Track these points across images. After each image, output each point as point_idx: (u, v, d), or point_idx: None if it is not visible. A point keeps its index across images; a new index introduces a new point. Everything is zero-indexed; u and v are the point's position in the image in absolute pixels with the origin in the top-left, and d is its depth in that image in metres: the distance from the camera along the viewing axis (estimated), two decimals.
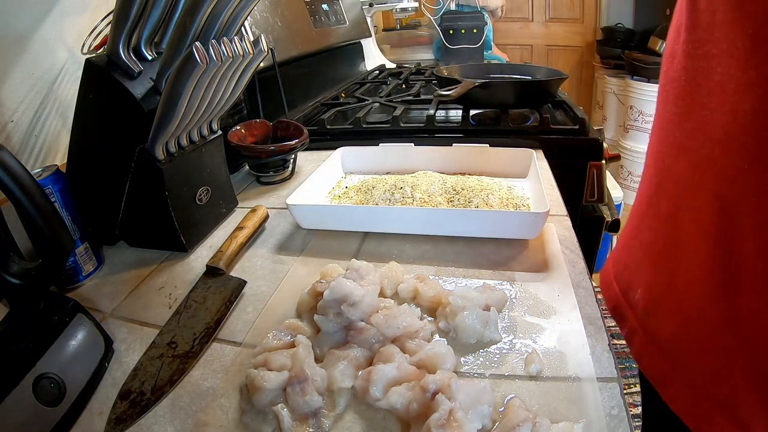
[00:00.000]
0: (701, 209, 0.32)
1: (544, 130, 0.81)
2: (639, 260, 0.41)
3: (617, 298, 0.43)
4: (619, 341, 0.56)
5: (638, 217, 0.41)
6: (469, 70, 1.07)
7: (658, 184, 0.38)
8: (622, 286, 0.43)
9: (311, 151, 0.88)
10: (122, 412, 0.35)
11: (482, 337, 0.39)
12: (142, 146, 0.50)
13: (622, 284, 0.43)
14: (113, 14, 0.47)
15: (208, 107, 0.52)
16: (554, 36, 2.96)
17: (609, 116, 2.69)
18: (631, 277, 0.42)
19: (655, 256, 0.39)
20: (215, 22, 0.49)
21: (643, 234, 0.40)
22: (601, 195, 0.82)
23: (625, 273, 0.43)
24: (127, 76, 0.49)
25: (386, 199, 0.60)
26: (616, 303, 0.43)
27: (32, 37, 0.61)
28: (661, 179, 0.38)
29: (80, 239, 0.52)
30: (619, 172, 2.59)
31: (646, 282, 0.40)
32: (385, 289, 0.45)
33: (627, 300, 0.42)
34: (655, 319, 0.38)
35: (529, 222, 0.51)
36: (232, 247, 0.54)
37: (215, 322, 0.44)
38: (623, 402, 0.33)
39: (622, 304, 0.42)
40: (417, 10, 1.85)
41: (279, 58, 0.95)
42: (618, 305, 0.43)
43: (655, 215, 0.38)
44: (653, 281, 0.39)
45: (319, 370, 0.35)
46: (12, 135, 0.59)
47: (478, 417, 0.31)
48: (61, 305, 0.40)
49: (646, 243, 0.40)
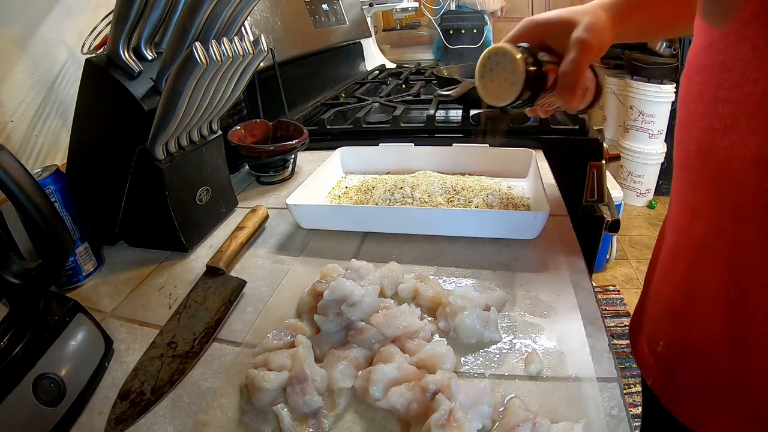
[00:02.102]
0: (715, 271, 0.34)
1: (544, 130, 0.81)
2: (661, 314, 0.42)
3: (643, 349, 0.44)
4: (619, 341, 0.56)
5: (662, 272, 0.43)
6: (469, 70, 1.07)
7: (676, 244, 0.40)
8: (648, 337, 0.44)
9: (311, 151, 0.88)
10: (122, 412, 0.35)
11: (482, 337, 0.39)
12: (142, 146, 0.50)
13: (647, 336, 0.44)
14: (113, 14, 0.47)
15: (208, 107, 0.52)
16: None
17: (609, 116, 2.69)
18: (655, 329, 0.43)
19: (674, 312, 0.40)
20: (215, 22, 0.49)
21: (664, 290, 0.42)
22: (601, 195, 0.82)
23: (650, 325, 0.44)
24: (127, 76, 0.49)
25: (386, 199, 0.60)
26: (642, 353, 0.44)
27: (32, 37, 0.61)
28: (678, 240, 0.39)
29: (80, 239, 0.52)
30: (619, 172, 2.59)
31: (667, 335, 0.41)
32: (385, 289, 0.45)
33: (652, 351, 0.43)
34: (678, 370, 0.40)
35: (529, 222, 0.51)
36: (232, 247, 0.54)
37: (215, 322, 0.44)
38: (623, 402, 0.33)
39: (647, 355, 0.43)
40: (417, 10, 1.85)
41: (279, 58, 0.95)
42: (644, 355, 0.44)
43: (673, 272, 0.40)
44: (673, 335, 0.40)
45: (319, 370, 0.35)
46: (12, 135, 0.59)
47: (478, 417, 0.31)
48: (61, 305, 0.40)
49: (667, 299, 0.41)
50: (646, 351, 0.43)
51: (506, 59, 0.41)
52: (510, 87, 0.42)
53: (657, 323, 0.43)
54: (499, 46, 0.42)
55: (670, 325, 0.41)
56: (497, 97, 0.44)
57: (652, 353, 0.43)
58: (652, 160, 2.46)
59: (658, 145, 2.43)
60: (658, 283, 0.44)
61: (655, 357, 0.42)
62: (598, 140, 0.80)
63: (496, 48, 0.42)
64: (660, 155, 2.44)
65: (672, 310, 0.40)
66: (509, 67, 0.41)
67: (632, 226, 2.41)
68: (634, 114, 2.43)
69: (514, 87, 0.41)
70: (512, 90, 0.42)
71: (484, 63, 0.44)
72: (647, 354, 0.43)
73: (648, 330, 0.44)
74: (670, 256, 0.41)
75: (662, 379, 0.41)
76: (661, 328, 0.42)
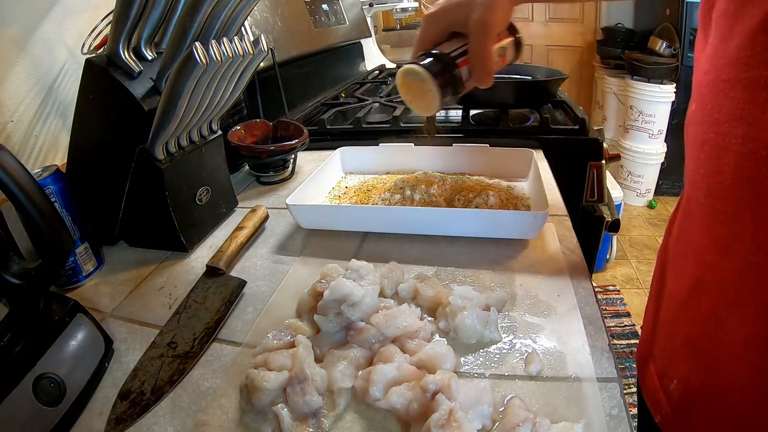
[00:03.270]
0: (748, 315, 0.30)
1: (544, 130, 0.81)
2: (677, 349, 0.38)
3: (653, 381, 0.41)
4: (619, 341, 0.56)
5: (680, 305, 0.38)
6: None
7: (699, 279, 0.35)
8: (659, 369, 0.40)
9: (311, 151, 0.88)
10: (122, 412, 0.35)
11: (482, 337, 0.39)
12: (142, 146, 0.50)
13: (659, 368, 0.41)
14: (113, 14, 0.47)
15: (208, 107, 0.52)
16: (554, 36, 2.96)
17: (609, 116, 2.69)
18: (669, 363, 0.39)
19: (693, 350, 0.36)
20: (215, 22, 0.49)
21: (682, 325, 0.38)
22: (601, 195, 0.82)
23: (663, 357, 0.40)
24: (127, 76, 0.49)
25: (386, 199, 0.60)
26: (651, 386, 0.41)
27: (32, 37, 0.61)
28: (701, 274, 0.35)
29: (80, 239, 0.52)
30: (619, 172, 2.59)
31: (683, 374, 0.37)
32: (385, 289, 0.45)
33: (662, 386, 0.39)
34: (693, 415, 0.36)
35: (529, 222, 0.51)
36: (232, 247, 0.54)
37: (215, 322, 0.44)
38: (623, 402, 0.33)
39: (656, 389, 0.40)
40: (417, 10, 1.85)
41: (279, 58, 0.95)
42: (653, 388, 0.41)
43: (695, 309, 0.35)
44: (691, 376, 0.36)
45: (319, 370, 0.35)
46: (12, 135, 0.59)
47: (478, 417, 0.31)
48: (61, 305, 0.40)
49: (686, 334, 0.37)
50: (657, 385, 0.40)
51: (417, 78, 0.43)
52: (432, 98, 0.44)
53: (672, 359, 0.39)
54: (406, 69, 0.44)
55: (688, 364, 0.36)
56: (427, 109, 0.46)
57: (663, 390, 0.39)
58: (652, 160, 2.46)
59: (658, 145, 2.43)
60: (674, 315, 0.39)
61: (667, 395, 0.38)
62: (598, 140, 0.80)
63: (404, 71, 0.44)
64: (660, 155, 2.44)
65: (692, 348, 0.36)
66: (422, 84, 0.43)
67: (632, 226, 2.41)
68: (634, 114, 2.43)
69: (435, 98, 0.43)
70: (434, 100, 0.44)
71: (402, 85, 0.46)
72: (658, 388, 0.40)
73: (662, 362, 0.40)
74: (692, 290, 0.36)
75: (674, 420, 0.38)
76: (676, 365, 0.38)
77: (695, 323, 0.35)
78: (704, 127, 0.31)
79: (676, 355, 0.38)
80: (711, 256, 0.33)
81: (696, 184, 0.33)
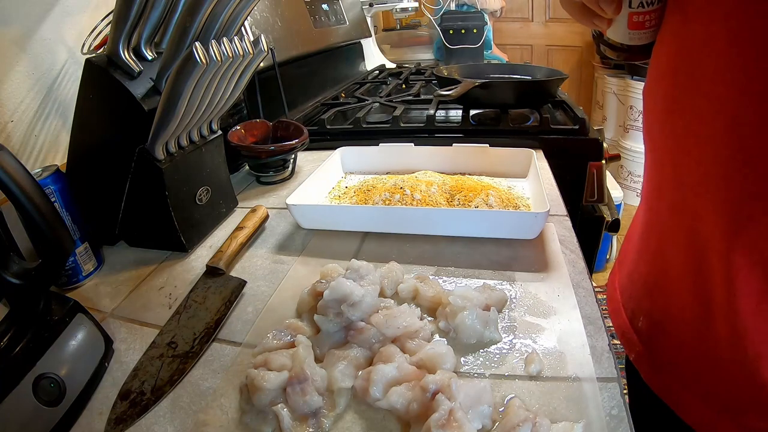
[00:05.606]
0: (680, 245, 0.36)
1: (544, 130, 0.81)
2: (639, 290, 0.44)
3: (625, 325, 0.45)
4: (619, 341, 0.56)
5: (636, 251, 0.45)
6: (469, 70, 1.07)
7: (647, 223, 0.42)
8: (629, 314, 0.45)
9: (311, 151, 0.88)
10: (122, 412, 0.35)
11: (482, 337, 0.39)
12: (142, 146, 0.50)
13: (628, 312, 0.45)
14: (113, 14, 0.47)
15: (208, 107, 0.52)
16: (554, 36, 2.96)
17: (609, 116, 2.69)
18: (635, 305, 0.44)
19: (651, 287, 0.42)
20: (215, 22, 0.49)
21: (641, 267, 0.44)
22: (601, 195, 0.82)
23: (631, 302, 0.45)
24: (127, 76, 0.49)
25: (386, 199, 0.60)
26: (625, 330, 0.45)
27: (32, 37, 0.61)
28: (648, 218, 0.42)
29: (80, 239, 0.52)
30: (619, 172, 2.59)
31: (647, 310, 0.42)
32: (385, 289, 0.45)
33: (633, 327, 0.44)
34: (659, 343, 0.41)
35: (529, 222, 0.51)
36: (232, 247, 0.54)
37: (215, 322, 0.44)
38: (623, 402, 0.33)
39: (629, 331, 0.44)
40: (417, 10, 1.85)
41: (279, 58, 0.95)
42: (626, 332, 0.45)
43: (647, 250, 0.42)
44: (652, 310, 0.42)
45: (319, 370, 0.35)
46: (12, 135, 0.59)
47: (478, 417, 0.31)
48: (61, 305, 0.40)
49: (643, 275, 0.43)
50: (629, 328, 0.45)
51: None
52: None
53: (637, 300, 0.44)
54: None
55: (649, 300, 0.42)
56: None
57: (634, 329, 0.44)
58: None
59: None
60: (634, 262, 0.45)
61: (637, 333, 0.43)
62: (598, 140, 0.80)
63: None
64: None
65: (649, 285, 0.42)
66: None
67: None
68: (634, 114, 2.43)
69: None
70: None
71: None
72: (629, 329, 0.44)
73: (630, 306, 0.45)
74: (643, 233, 0.43)
75: (644, 354, 0.42)
76: (641, 304, 0.43)
77: (648, 263, 0.42)
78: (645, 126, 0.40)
79: (640, 296, 0.44)
80: (652, 201, 0.41)
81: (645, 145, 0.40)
